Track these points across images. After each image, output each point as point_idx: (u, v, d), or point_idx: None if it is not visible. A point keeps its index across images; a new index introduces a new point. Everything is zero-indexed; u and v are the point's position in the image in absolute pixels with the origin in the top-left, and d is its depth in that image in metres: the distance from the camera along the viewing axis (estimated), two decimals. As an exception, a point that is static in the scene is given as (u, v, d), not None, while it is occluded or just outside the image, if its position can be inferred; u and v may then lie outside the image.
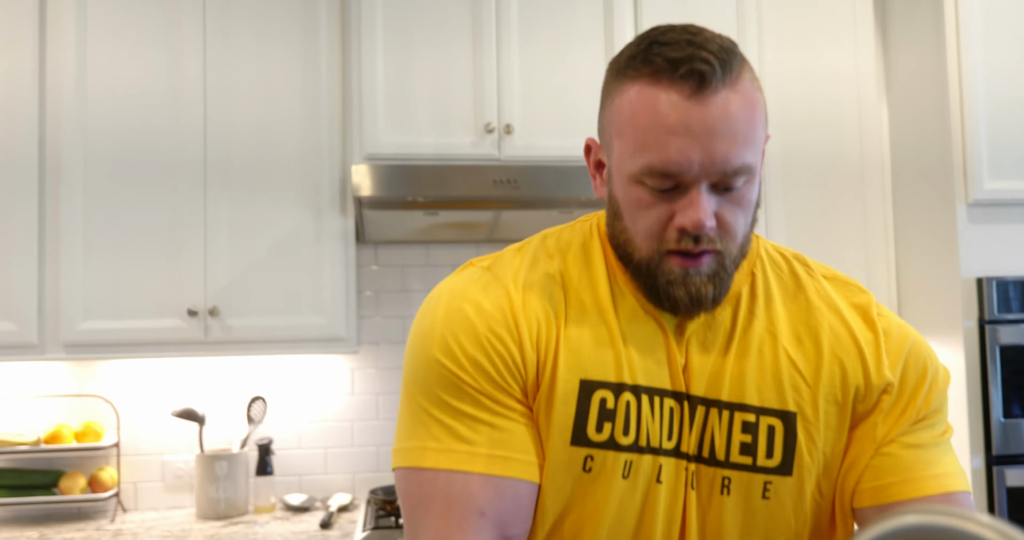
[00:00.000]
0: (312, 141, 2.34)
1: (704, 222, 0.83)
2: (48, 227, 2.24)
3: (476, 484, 0.85)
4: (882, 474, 0.90)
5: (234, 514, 2.37)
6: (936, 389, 0.93)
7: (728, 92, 0.81)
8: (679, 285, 0.87)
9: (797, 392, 0.90)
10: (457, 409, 0.87)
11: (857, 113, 2.53)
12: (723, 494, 0.89)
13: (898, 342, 0.94)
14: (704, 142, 0.81)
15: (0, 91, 2.24)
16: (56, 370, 2.48)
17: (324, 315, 2.32)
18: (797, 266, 0.98)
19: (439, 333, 0.90)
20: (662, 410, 0.89)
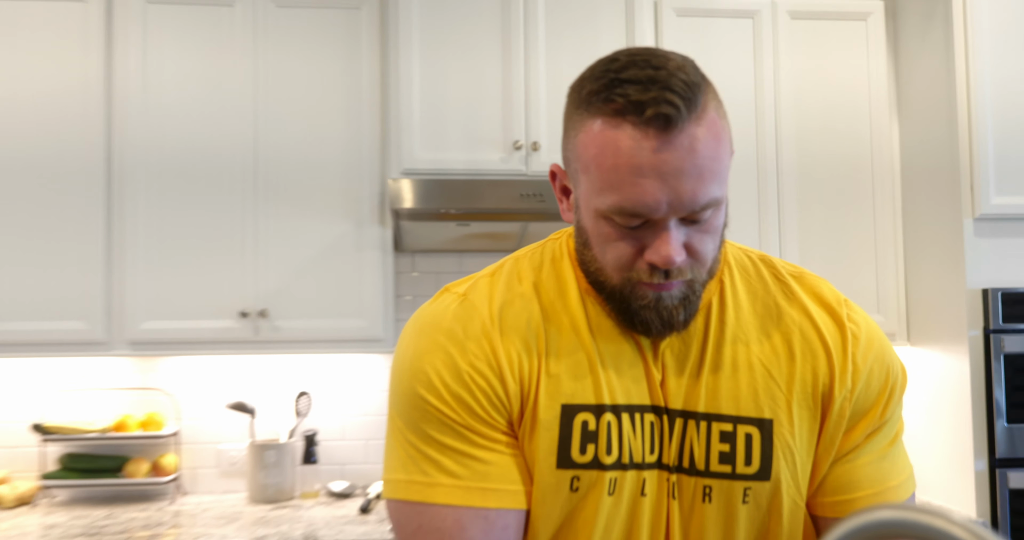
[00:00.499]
0: (353, 157, 2.52)
1: (674, 258, 0.83)
2: (114, 234, 2.46)
3: (467, 518, 0.87)
4: (835, 489, 0.92)
5: (282, 499, 2.57)
6: (895, 397, 0.94)
7: (694, 128, 0.80)
8: (651, 310, 0.87)
9: (772, 399, 0.91)
10: (443, 443, 0.88)
11: (869, 125, 2.62)
12: (705, 502, 0.90)
13: (865, 347, 0.93)
14: (672, 183, 0.80)
15: (72, 102, 2.46)
16: (122, 365, 2.71)
17: (364, 318, 2.50)
18: (763, 269, 0.98)
19: (421, 368, 0.90)
20: (643, 425, 0.90)
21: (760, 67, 2.58)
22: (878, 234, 2.59)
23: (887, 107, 2.63)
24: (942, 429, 2.43)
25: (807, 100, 2.61)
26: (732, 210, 2.55)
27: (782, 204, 2.56)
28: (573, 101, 0.86)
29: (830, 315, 0.95)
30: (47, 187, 2.42)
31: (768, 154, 2.56)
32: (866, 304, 2.56)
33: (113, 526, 2.28)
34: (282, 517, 2.38)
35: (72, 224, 2.43)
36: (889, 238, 2.59)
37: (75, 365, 2.69)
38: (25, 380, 2.68)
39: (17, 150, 2.42)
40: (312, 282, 2.49)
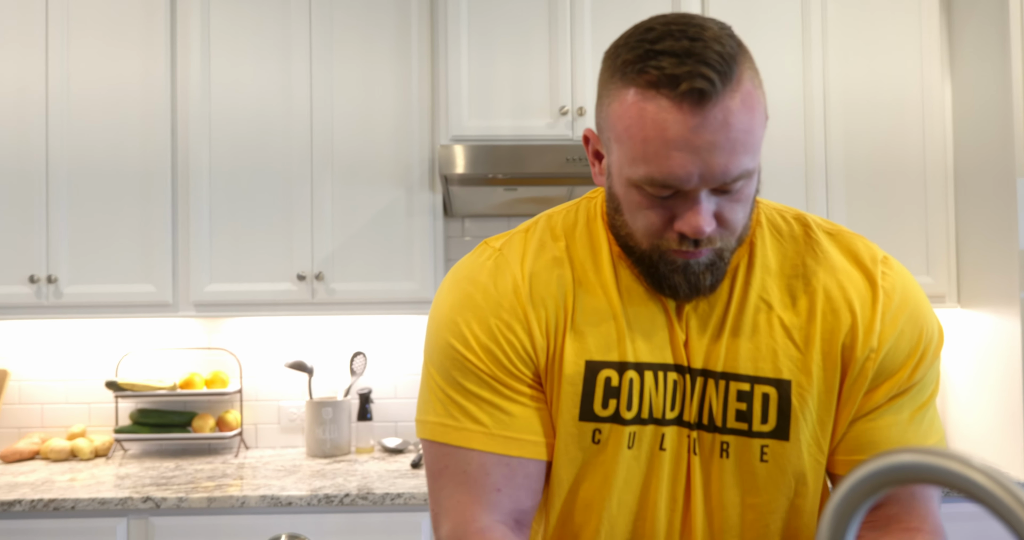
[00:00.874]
0: (404, 127, 2.59)
1: (704, 229, 0.84)
2: (180, 204, 2.58)
3: (491, 463, 0.91)
4: (857, 448, 0.93)
5: (338, 453, 2.69)
6: (926, 360, 0.93)
7: (728, 101, 0.79)
8: (679, 274, 0.89)
9: (791, 360, 0.92)
10: (472, 392, 0.93)
11: (921, 120, 2.56)
12: (722, 457, 0.93)
13: (898, 307, 0.92)
14: (704, 156, 0.80)
15: (142, 90, 2.58)
16: (189, 326, 2.85)
17: (415, 280, 2.58)
18: (797, 228, 0.98)
19: (452, 319, 0.95)
20: (666, 383, 0.93)
21: (809, 59, 2.55)
22: (928, 195, 2.56)
23: (939, 99, 2.56)
24: (992, 391, 2.42)
25: (857, 94, 2.56)
26: (777, 189, 2.56)
27: (829, 197, 2.55)
28: (608, 68, 0.86)
29: (863, 273, 0.94)
30: (120, 161, 2.55)
31: (816, 133, 2.55)
32: (915, 266, 2.55)
33: (181, 476, 2.43)
34: (338, 470, 2.50)
35: (142, 196, 2.55)
36: (940, 200, 2.56)
37: (146, 326, 2.84)
38: (101, 340, 2.83)
39: (91, 128, 2.55)
40: (365, 246, 2.58)
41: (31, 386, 2.82)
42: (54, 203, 2.53)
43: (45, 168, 2.54)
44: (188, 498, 2.20)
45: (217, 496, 2.21)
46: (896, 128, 2.57)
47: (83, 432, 2.74)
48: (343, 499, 2.21)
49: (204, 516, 2.22)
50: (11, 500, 2.18)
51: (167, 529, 2.21)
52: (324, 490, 2.25)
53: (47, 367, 2.82)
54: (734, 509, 0.95)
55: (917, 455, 0.58)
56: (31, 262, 2.53)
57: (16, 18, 2.55)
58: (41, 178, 2.53)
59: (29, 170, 2.54)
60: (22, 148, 2.54)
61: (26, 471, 2.51)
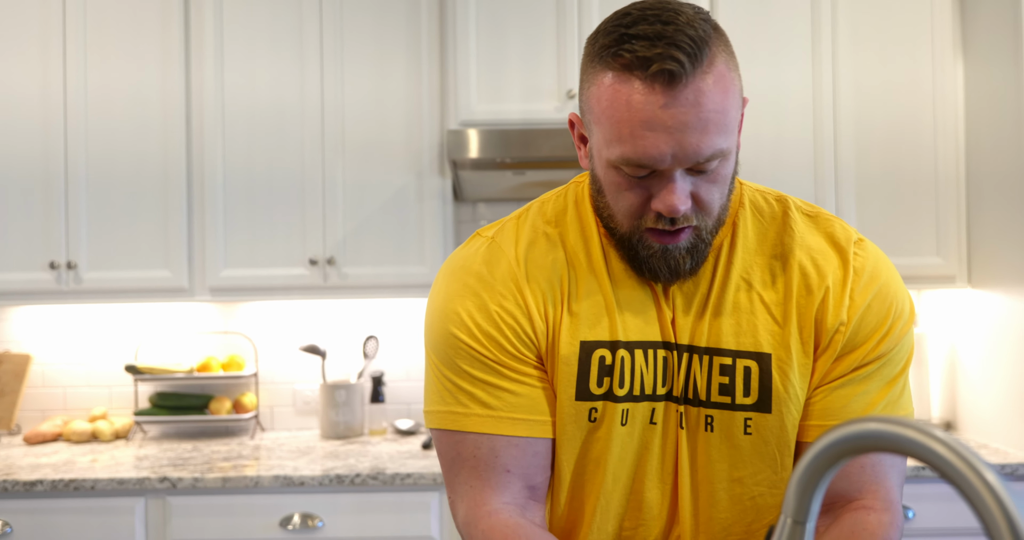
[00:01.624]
0: (414, 112, 2.61)
1: (679, 207, 0.87)
2: (195, 191, 2.62)
3: (500, 445, 0.95)
4: (814, 414, 0.96)
5: (351, 435, 2.74)
6: (892, 334, 0.95)
7: (699, 82, 0.82)
8: (659, 258, 0.92)
9: (770, 334, 0.95)
10: (476, 378, 0.96)
11: (933, 128, 2.53)
12: (707, 431, 0.96)
13: (866, 283, 0.96)
14: (677, 136, 0.83)
15: (157, 85, 2.62)
16: (206, 311, 2.90)
17: (425, 264, 2.61)
18: (778, 208, 1.01)
19: (453, 310, 0.97)
20: (655, 360, 0.96)
21: (819, 65, 2.53)
22: (939, 176, 2.55)
23: (952, 106, 2.53)
24: (1003, 371, 2.41)
25: (868, 101, 2.53)
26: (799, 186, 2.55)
27: (839, 204, 2.54)
28: (588, 53, 0.90)
29: (837, 253, 0.97)
30: (137, 153, 2.59)
31: (825, 118, 2.54)
32: (925, 247, 2.53)
33: (197, 457, 2.48)
34: (351, 451, 2.54)
35: (159, 184, 2.60)
36: (951, 180, 2.54)
37: (164, 311, 2.90)
38: (120, 325, 2.89)
39: (109, 123, 2.60)
40: (376, 231, 2.61)
41: (53, 370, 2.89)
42: (73, 192, 2.58)
43: (64, 160, 2.59)
44: (204, 478, 2.25)
45: (232, 476, 2.26)
46: (908, 115, 2.55)
47: (104, 415, 2.81)
48: (354, 479, 2.25)
49: (219, 495, 2.27)
50: (33, 480, 2.24)
51: (183, 508, 2.26)
52: (336, 470, 2.29)
53: (69, 351, 2.89)
54: (720, 483, 0.97)
55: (881, 423, 0.60)
56: (51, 249, 2.59)
57: (36, 27, 2.59)
58: (60, 168, 2.58)
59: (50, 161, 2.59)
60: (44, 142, 2.59)
61: (49, 453, 2.58)
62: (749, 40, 2.53)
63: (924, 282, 2.54)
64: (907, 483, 2.26)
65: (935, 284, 2.55)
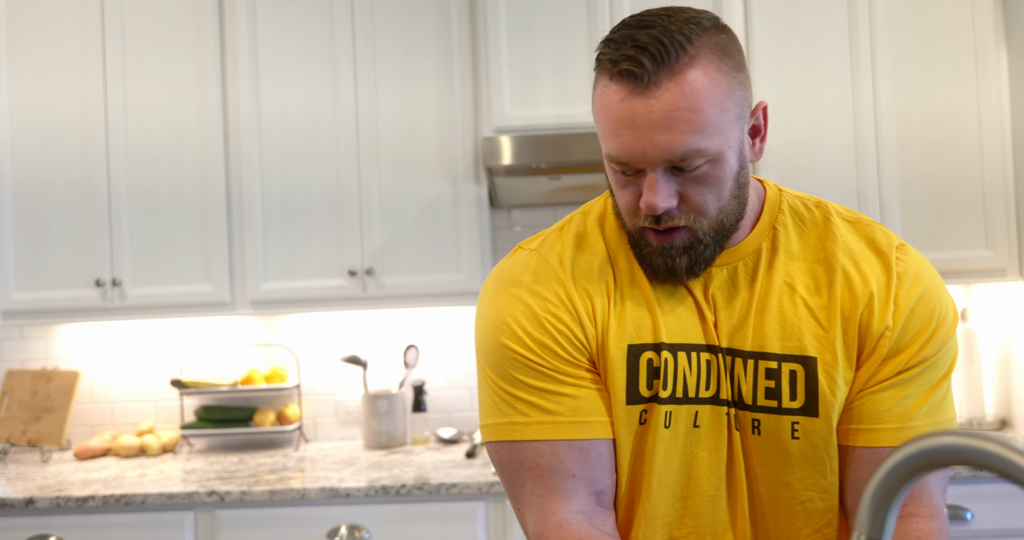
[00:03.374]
0: (447, 120, 2.61)
1: (657, 205, 0.89)
2: (234, 207, 2.63)
3: (563, 450, 0.94)
4: (855, 417, 0.96)
5: (394, 445, 2.74)
6: (936, 339, 0.96)
7: (667, 82, 0.85)
8: (656, 256, 0.94)
9: (815, 338, 0.95)
10: (533, 386, 0.96)
11: (979, 149, 2.47)
12: (755, 434, 0.96)
13: (910, 287, 0.96)
14: (647, 134, 0.86)
15: (195, 103, 2.64)
16: (247, 324, 2.93)
17: (463, 272, 2.61)
18: (818, 214, 1.01)
19: (503, 321, 0.98)
20: (699, 363, 0.96)
21: (858, 88, 2.49)
22: (985, 167, 2.48)
23: (998, 128, 2.46)
24: (1058, 368, 2.35)
25: (911, 123, 2.48)
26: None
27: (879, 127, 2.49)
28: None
29: (879, 258, 0.98)
30: (177, 171, 2.62)
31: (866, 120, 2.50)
32: (974, 240, 2.47)
33: (244, 470, 2.50)
34: (395, 461, 2.54)
35: (199, 201, 2.62)
36: (999, 171, 2.48)
37: (207, 325, 2.92)
38: (164, 340, 2.93)
39: (150, 142, 2.63)
40: (413, 240, 2.61)
41: (101, 386, 2.93)
42: (115, 210, 2.62)
43: (106, 179, 2.62)
44: (251, 491, 2.27)
45: (279, 489, 2.27)
46: (952, 106, 2.50)
47: (151, 429, 2.84)
48: (399, 490, 2.25)
49: (266, 508, 2.28)
50: (85, 496, 2.27)
51: (232, 521, 2.28)
52: (381, 481, 2.29)
53: (115, 367, 2.93)
54: (768, 486, 0.97)
55: (958, 437, 0.57)
56: (96, 266, 2.62)
57: (76, 49, 2.63)
58: (103, 187, 2.62)
59: (92, 181, 2.62)
60: (85, 162, 2.62)
61: (98, 468, 2.61)
62: (783, 38, 2.49)
63: (973, 276, 2.48)
64: (964, 484, 2.21)
65: (985, 278, 2.48)
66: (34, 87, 2.64)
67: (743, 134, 0.93)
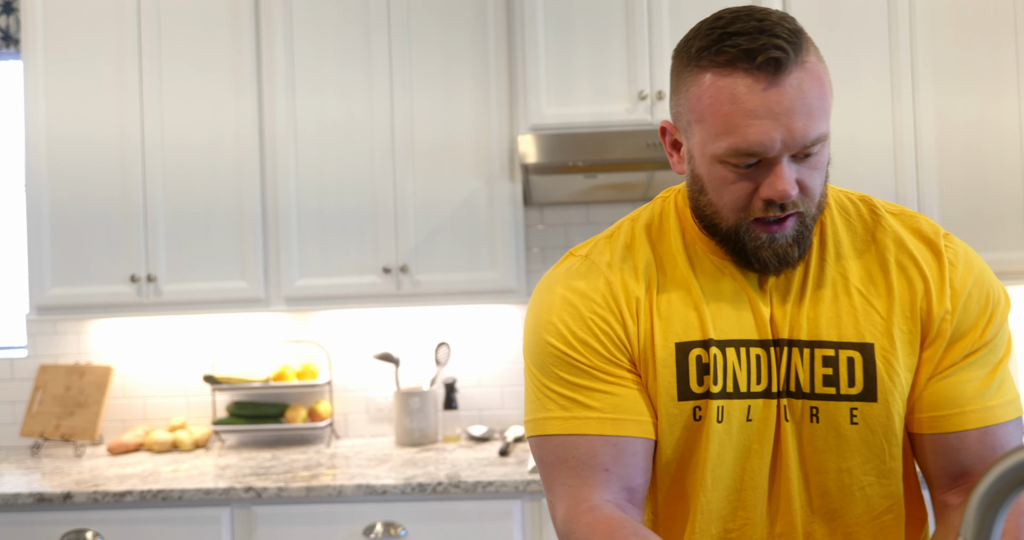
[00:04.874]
0: (483, 117, 2.60)
1: (789, 192, 0.91)
2: (269, 203, 2.64)
3: (598, 445, 0.97)
4: (933, 405, 0.97)
5: (426, 442, 2.74)
6: (995, 321, 0.98)
7: (799, 71, 0.88)
8: (766, 248, 0.96)
9: (872, 325, 0.97)
10: (574, 383, 0.99)
11: (1019, 152, 2.45)
12: (812, 422, 0.98)
13: (963, 272, 0.98)
14: (784, 121, 0.88)
15: (231, 108, 2.65)
16: (279, 321, 2.93)
17: (497, 270, 2.60)
18: (863, 209, 1.04)
19: (549, 320, 1.02)
20: (748, 358, 0.98)
21: (899, 101, 2.47)
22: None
23: None
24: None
25: (952, 137, 2.46)
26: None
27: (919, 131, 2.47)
28: (682, 59, 0.95)
29: (928, 246, 1.00)
30: (213, 172, 2.63)
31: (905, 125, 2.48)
32: (1014, 240, 2.45)
33: (278, 466, 2.50)
34: (428, 459, 2.54)
35: (235, 198, 2.63)
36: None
37: (238, 322, 2.93)
38: (197, 336, 2.94)
39: (187, 145, 2.64)
40: (448, 238, 2.60)
41: (134, 381, 2.94)
42: (151, 212, 2.62)
43: (143, 184, 2.63)
44: (288, 487, 2.27)
45: (315, 485, 2.27)
46: (991, 111, 2.47)
47: (183, 424, 2.85)
48: (436, 487, 2.25)
49: (303, 505, 2.28)
50: (122, 491, 2.28)
51: (268, 517, 2.28)
52: (417, 479, 2.29)
53: (147, 362, 2.94)
54: (829, 474, 0.99)
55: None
56: (132, 262, 2.63)
57: (114, 61, 2.64)
58: (139, 191, 2.63)
59: (128, 185, 2.63)
60: (122, 167, 2.63)
61: (132, 463, 2.62)
62: (822, 40, 2.48)
63: (1013, 277, 2.46)
64: None
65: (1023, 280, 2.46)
66: (71, 101, 2.64)
67: None
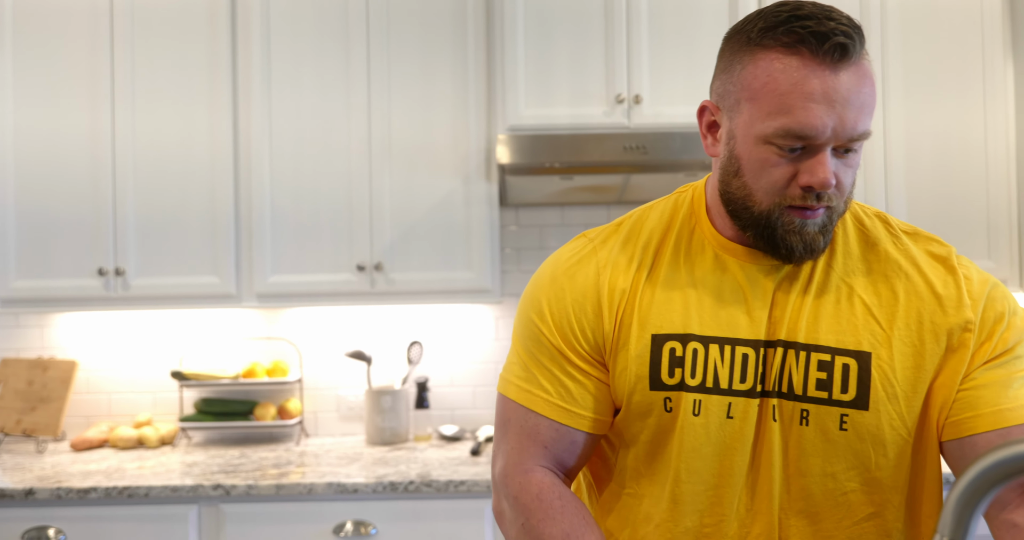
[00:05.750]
0: (461, 118, 2.60)
1: (830, 182, 0.93)
2: (242, 198, 2.61)
3: (543, 424, 1.05)
4: (960, 409, 0.96)
5: (397, 441, 2.73)
6: (1013, 328, 0.98)
7: (859, 64, 0.91)
8: (795, 234, 0.96)
9: (872, 335, 0.98)
10: (540, 362, 1.07)
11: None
12: (802, 425, 0.98)
13: (979, 285, 1.00)
14: (839, 110, 0.90)
15: (204, 104, 2.62)
16: (250, 317, 2.90)
17: (473, 270, 2.60)
18: (878, 224, 1.06)
19: (537, 297, 1.09)
20: (733, 356, 0.99)
21: None
22: (990, 179, 2.52)
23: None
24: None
25: (919, 146, 2.52)
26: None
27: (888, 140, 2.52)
28: (740, 41, 0.97)
29: (941, 263, 1.02)
30: (185, 163, 2.60)
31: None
32: (976, 251, 2.51)
33: (247, 464, 2.48)
34: (399, 458, 2.53)
35: (207, 192, 2.60)
36: (1003, 184, 2.52)
37: (208, 317, 2.90)
38: (165, 331, 2.90)
39: (158, 138, 2.60)
40: (423, 236, 2.60)
41: (99, 376, 2.89)
42: (122, 201, 2.59)
43: (112, 174, 2.59)
44: (257, 485, 2.25)
45: (285, 484, 2.25)
46: (958, 124, 2.53)
47: (149, 421, 2.81)
48: (407, 486, 2.25)
49: (272, 503, 2.26)
50: (87, 488, 2.24)
51: (237, 515, 2.26)
52: (388, 477, 2.28)
53: (113, 357, 2.89)
54: (814, 477, 0.99)
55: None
56: (100, 255, 2.59)
57: (85, 55, 2.60)
58: (109, 179, 2.59)
59: (99, 175, 2.59)
60: (92, 156, 2.59)
61: (96, 459, 2.58)
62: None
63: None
64: None
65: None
66: (40, 91, 2.60)
67: None
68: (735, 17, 2.49)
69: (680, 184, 2.60)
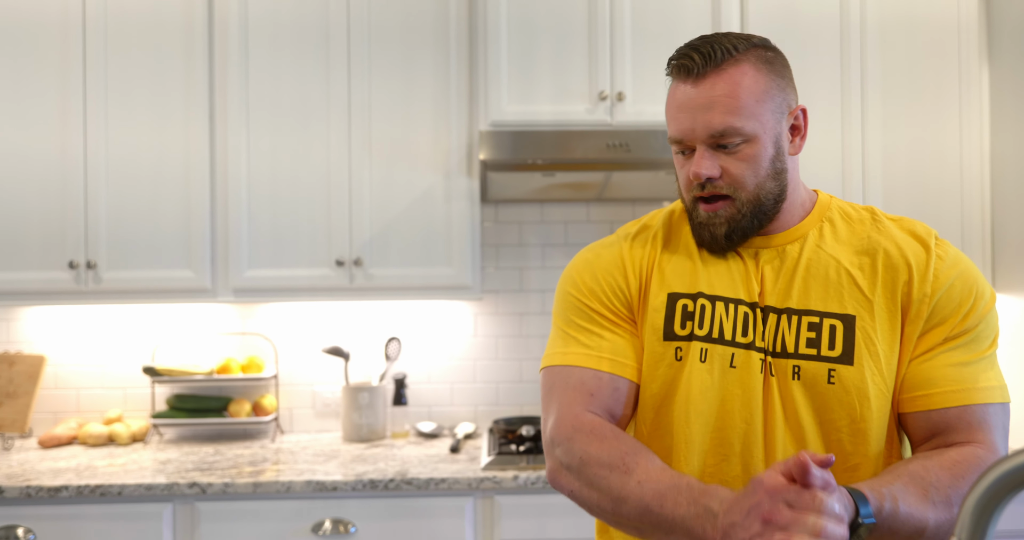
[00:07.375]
0: (443, 113, 2.58)
1: (701, 172, 1.12)
2: (218, 190, 2.57)
3: (587, 375, 1.16)
4: (914, 386, 1.10)
5: (374, 438, 2.71)
6: (977, 310, 1.10)
7: (715, 78, 1.11)
8: (704, 226, 1.16)
9: (855, 300, 1.11)
10: (577, 324, 1.20)
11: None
12: (794, 379, 1.11)
13: (950, 265, 1.12)
14: (697, 114, 1.11)
15: (180, 94, 2.57)
16: (224, 312, 2.85)
17: (452, 266, 2.59)
18: (865, 214, 1.20)
19: (571, 274, 1.25)
20: (736, 313, 1.14)
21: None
22: (964, 183, 2.56)
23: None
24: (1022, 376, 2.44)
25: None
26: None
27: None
28: None
29: (918, 241, 1.15)
30: (158, 146, 2.54)
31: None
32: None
33: (222, 462, 2.44)
34: (377, 455, 2.51)
35: (182, 182, 2.55)
36: (976, 188, 2.56)
37: (181, 312, 2.84)
38: (137, 326, 2.84)
39: (130, 127, 2.54)
40: (403, 232, 2.58)
41: (67, 371, 2.83)
42: (94, 193, 2.53)
43: (84, 164, 2.53)
44: (234, 483, 2.21)
45: (262, 481, 2.22)
46: (935, 145, 2.56)
47: (119, 417, 2.75)
48: (387, 484, 2.23)
49: (249, 501, 2.23)
50: (57, 486, 2.19)
51: (212, 514, 2.22)
52: (367, 475, 2.26)
53: (83, 352, 2.83)
54: (810, 426, 1.11)
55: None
56: (70, 248, 2.53)
57: (55, 91, 2.53)
58: (80, 169, 2.53)
59: (70, 164, 2.53)
60: (63, 145, 2.53)
61: (66, 456, 2.52)
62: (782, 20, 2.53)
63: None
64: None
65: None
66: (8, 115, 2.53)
67: (781, 128, 1.14)
68: (717, 13, 2.50)
69: (661, 182, 2.61)
